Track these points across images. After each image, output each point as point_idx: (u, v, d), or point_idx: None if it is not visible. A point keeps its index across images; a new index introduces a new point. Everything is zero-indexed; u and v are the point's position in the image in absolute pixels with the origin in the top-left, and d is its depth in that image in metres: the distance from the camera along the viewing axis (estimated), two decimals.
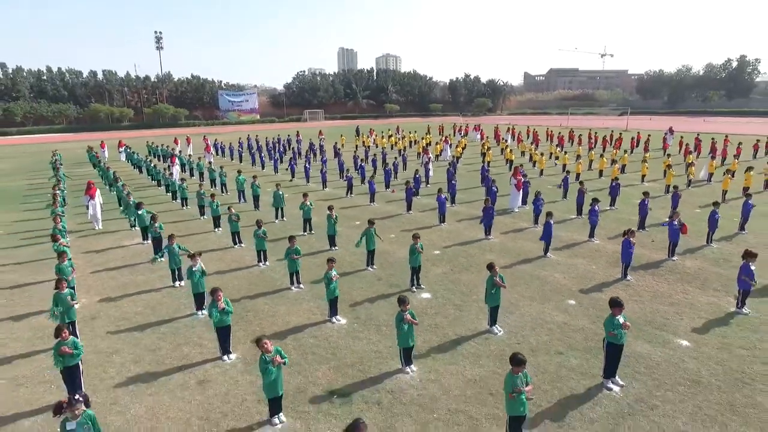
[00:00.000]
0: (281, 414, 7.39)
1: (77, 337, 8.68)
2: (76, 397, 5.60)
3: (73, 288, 10.96)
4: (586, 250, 15.09)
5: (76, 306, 10.14)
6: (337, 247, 15.50)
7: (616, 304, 7.83)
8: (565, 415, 7.32)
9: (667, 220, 14.12)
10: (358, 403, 7.72)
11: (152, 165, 31.27)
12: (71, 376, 7.79)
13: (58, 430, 5.63)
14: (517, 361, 6.43)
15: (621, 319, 7.73)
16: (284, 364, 7.18)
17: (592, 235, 16.00)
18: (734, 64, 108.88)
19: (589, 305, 11.12)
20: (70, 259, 11.94)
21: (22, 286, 13.13)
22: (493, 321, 10.08)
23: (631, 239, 12.36)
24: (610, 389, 7.91)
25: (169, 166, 29.99)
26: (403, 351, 8.55)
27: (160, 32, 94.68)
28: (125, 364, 9.14)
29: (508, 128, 51.26)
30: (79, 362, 7.94)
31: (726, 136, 37.18)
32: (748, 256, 10.24)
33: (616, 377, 8.08)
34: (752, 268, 10.18)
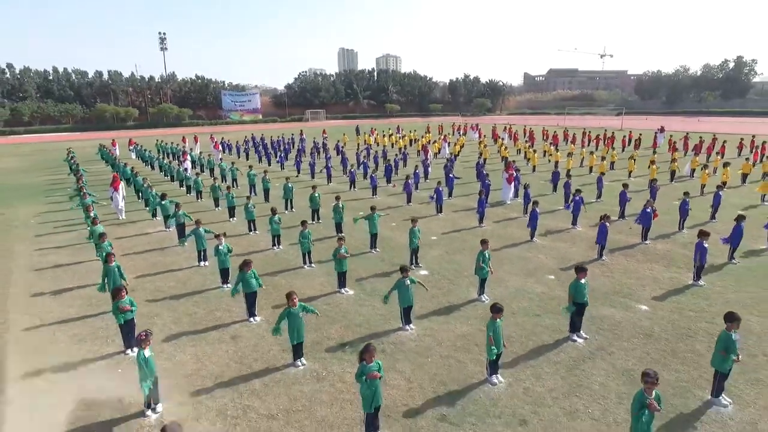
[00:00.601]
0: (303, 358, 8.99)
1: None
2: (149, 330, 7.23)
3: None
4: (569, 236, 16.67)
5: (127, 284, 11.77)
6: (343, 233, 17.04)
7: (580, 270, 9.44)
8: (535, 359, 8.92)
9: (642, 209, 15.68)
10: None
11: (165, 161, 32.84)
12: (128, 330, 9.39)
13: (138, 357, 7.18)
14: (496, 308, 8.02)
15: (583, 281, 9.32)
16: (314, 313, 9.12)
17: (575, 222, 17.58)
18: (731, 64, 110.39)
19: (566, 280, 12.60)
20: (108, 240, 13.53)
21: (63, 265, 14.73)
22: (481, 291, 11.68)
23: (607, 223, 13.94)
24: (575, 341, 9.50)
25: (180, 162, 31.59)
26: (404, 311, 10.13)
27: (164, 33, 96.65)
28: (166, 324, 10.73)
29: (505, 127, 52.85)
30: (134, 318, 9.54)
31: (714, 136, 38.77)
32: (702, 235, 11.83)
33: (581, 332, 9.67)
34: (705, 245, 11.76)
